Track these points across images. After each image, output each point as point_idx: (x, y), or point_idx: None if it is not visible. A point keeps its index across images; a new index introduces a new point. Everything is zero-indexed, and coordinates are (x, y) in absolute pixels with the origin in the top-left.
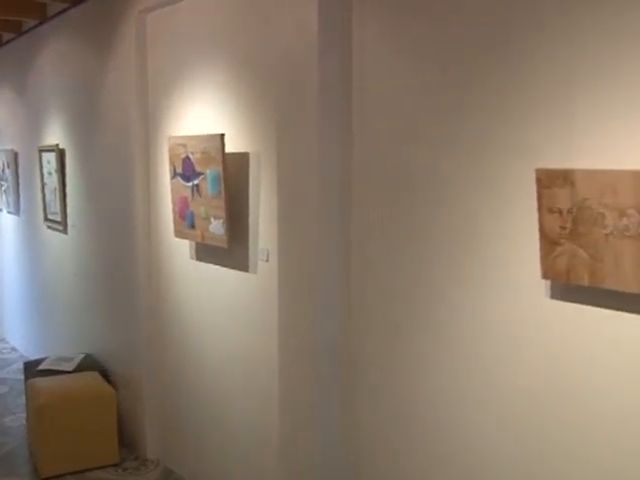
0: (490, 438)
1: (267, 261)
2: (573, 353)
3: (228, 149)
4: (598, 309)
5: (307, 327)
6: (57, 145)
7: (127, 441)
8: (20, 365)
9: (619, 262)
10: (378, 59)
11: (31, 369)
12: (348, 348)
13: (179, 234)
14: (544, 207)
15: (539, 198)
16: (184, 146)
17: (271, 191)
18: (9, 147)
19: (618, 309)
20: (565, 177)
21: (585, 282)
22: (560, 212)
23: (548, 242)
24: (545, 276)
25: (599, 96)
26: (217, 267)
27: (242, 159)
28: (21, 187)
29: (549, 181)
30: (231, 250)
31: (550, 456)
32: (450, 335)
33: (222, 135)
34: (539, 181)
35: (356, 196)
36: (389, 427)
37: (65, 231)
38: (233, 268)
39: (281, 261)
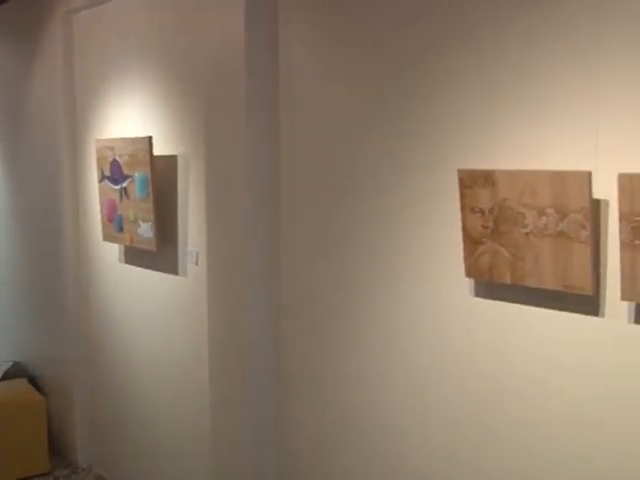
0: (414, 438)
1: (196, 264)
2: (496, 349)
3: (156, 152)
4: (520, 306)
5: (237, 329)
6: None
7: (58, 449)
8: None
9: (539, 260)
10: (304, 63)
11: None
12: (278, 349)
13: (108, 237)
14: (466, 207)
15: (461, 198)
16: (112, 149)
17: (199, 193)
18: None
19: (538, 305)
20: (486, 177)
21: (507, 280)
22: (482, 212)
23: (471, 241)
24: (468, 274)
25: (519, 100)
26: (147, 271)
27: (170, 162)
28: None
29: (471, 181)
30: (160, 253)
31: (475, 451)
32: (375, 335)
33: (150, 138)
34: (461, 181)
35: (284, 198)
36: (320, 427)
37: None
38: (163, 271)
39: (210, 263)
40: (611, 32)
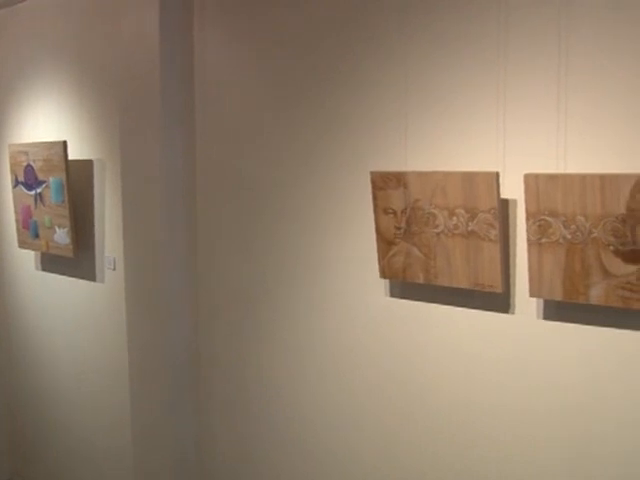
0: (333, 436)
1: (114, 269)
2: (411, 348)
3: (71, 156)
4: (433, 305)
5: (156, 333)
6: None
7: None
8: None
9: (451, 259)
10: (219, 64)
11: None
12: (198, 353)
13: (23, 244)
14: (379, 208)
15: (374, 200)
16: (26, 154)
17: (116, 198)
18: None
19: (451, 304)
20: (398, 179)
21: (420, 280)
22: (394, 213)
23: (384, 242)
24: (383, 275)
25: (430, 102)
26: (64, 277)
27: (86, 166)
28: None
29: (383, 183)
30: (77, 259)
31: (393, 444)
32: (293, 336)
33: (65, 142)
34: (373, 183)
35: (201, 201)
36: (241, 429)
37: None
38: (80, 278)
39: (128, 268)
40: (516, 38)
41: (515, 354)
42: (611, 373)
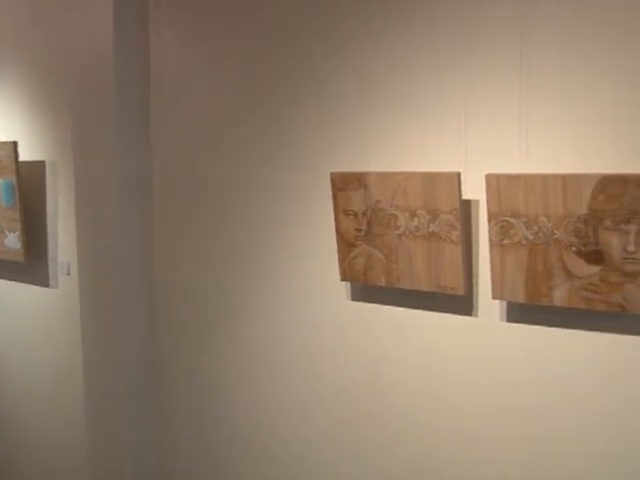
0: (291, 443)
1: (68, 274)
2: (373, 352)
3: (22, 157)
4: (395, 308)
5: (111, 339)
6: None
7: None
8: None
9: (412, 262)
10: (175, 62)
11: None
12: (156, 357)
13: None
14: (340, 210)
15: (334, 201)
16: None
17: (70, 201)
18: None
19: (414, 307)
20: (359, 180)
21: (382, 282)
22: (355, 214)
23: (345, 244)
24: (344, 278)
25: (391, 103)
26: (15, 283)
27: (38, 168)
28: None
29: (343, 184)
30: (29, 264)
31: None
32: (253, 340)
33: (15, 143)
34: (334, 184)
35: (158, 203)
36: (201, 431)
37: None
38: (32, 283)
39: (82, 273)
40: (477, 39)
41: (478, 357)
42: (575, 374)
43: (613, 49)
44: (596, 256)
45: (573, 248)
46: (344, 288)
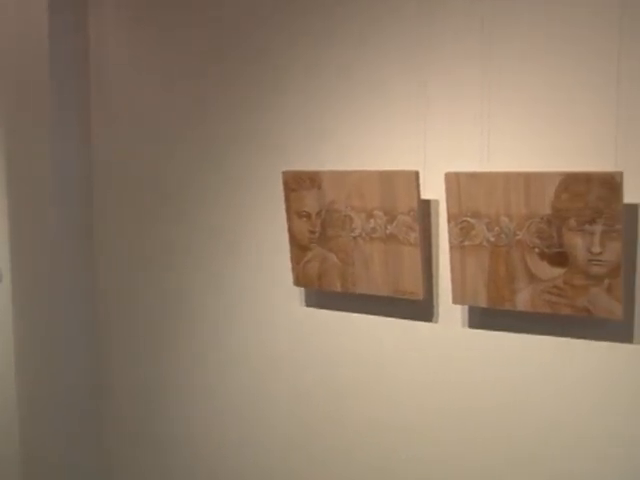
0: (244, 449)
1: (0, 282)
2: (329, 361)
3: None
4: (352, 314)
5: (49, 355)
6: None
7: None
8: None
9: (369, 265)
10: (117, 58)
11: None
12: (99, 375)
13: None
14: (292, 211)
15: (287, 202)
16: None
17: (1, 202)
18: None
19: (371, 313)
20: (312, 179)
21: (337, 288)
22: (308, 216)
23: (298, 247)
24: (297, 283)
25: (346, 99)
26: None
27: None
28: None
29: (296, 184)
30: None
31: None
32: (202, 351)
33: None
34: (286, 184)
35: (99, 206)
36: (151, 455)
37: None
38: None
39: (16, 280)
40: (439, 33)
41: (439, 364)
42: (540, 382)
43: (574, 48)
44: (560, 258)
45: (536, 250)
46: (298, 293)
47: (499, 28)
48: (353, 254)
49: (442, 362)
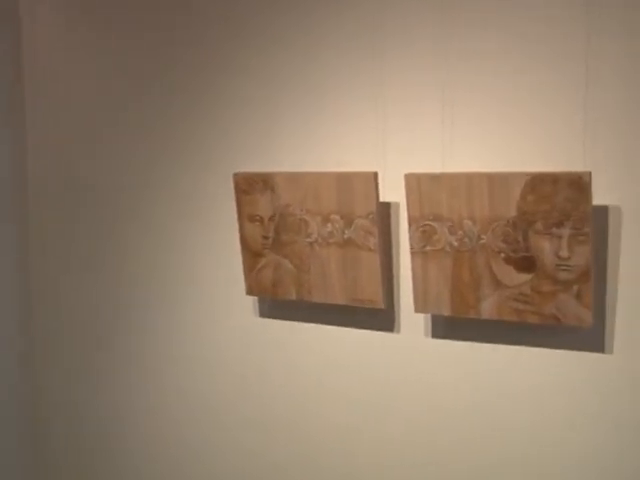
0: (192, 466)
1: None
2: (286, 374)
3: None
4: (309, 325)
5: None
6: None
7: None
8: None
9: (326, 272)
10: (54, 53)
11: None
12: (33, 397)
13: None
14: (244, 215)
15: (238, 205)
16: None
17: None
18: None
19: (329, 323)
20: (265, 181)
21: (293, 296)
22: (261, 220)
23: (251, 254)
24: (250, 292)
25: (302, 98)
26: None
27: None
28: None
29: (248, 186)
30: None
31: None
32: (150, 365)
33: None
34: (237, 186)
35: (34, 212)
36: (83, 459)
37: None
38: None
39: None
40: (397, 32)
41: (401, 376)
42: (506, 394)
43: (541, 48)
44: (526, 263)
45: (502, 255)
46: (251, 303)
47: (461, 27)
48: (309, 260)
49: (404, 374)
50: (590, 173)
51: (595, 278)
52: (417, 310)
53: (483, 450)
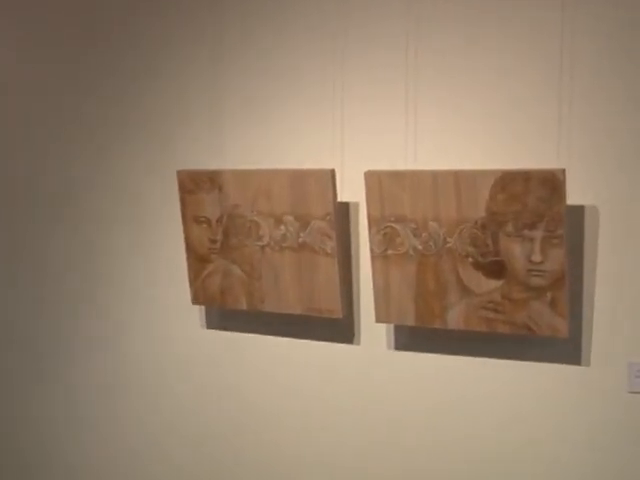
0: None
1: None
2: (235, 390)
3: None
4: (260, 337)
5: None
6: None
7: None
8: None
9: (279, 279)
10: None
11: None
12: None
13: None
14: (189, 216)
15: (183, 206)
16: None
17: None
18: None
19: (283, 335)
20: (212, 180)
21: (243, 305)
22: (208, 222)
23: (197, 259)
24: (195, 301)
25: (253, 93)
26: None
27: None
28: None
29: (194, 185)
30: None
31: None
32: (84, 380)
33: None
34: (181, 185)
35: None
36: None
37: None
38: None
39: None
40: (354, 29)
41: (361, 391)
42: (477, 410)
43: (515, 45)
44: (496, 268)
45: (469, 259)
46: (197, 313)
47: (425, 22)
48: (260, 266)
49: (364, 389)
50: (564, 170)
51: (570, 284)
52: (378, 320)
53: (451, 471)
